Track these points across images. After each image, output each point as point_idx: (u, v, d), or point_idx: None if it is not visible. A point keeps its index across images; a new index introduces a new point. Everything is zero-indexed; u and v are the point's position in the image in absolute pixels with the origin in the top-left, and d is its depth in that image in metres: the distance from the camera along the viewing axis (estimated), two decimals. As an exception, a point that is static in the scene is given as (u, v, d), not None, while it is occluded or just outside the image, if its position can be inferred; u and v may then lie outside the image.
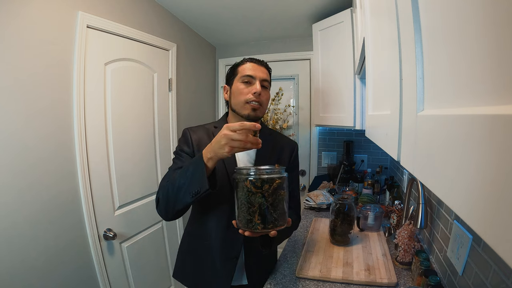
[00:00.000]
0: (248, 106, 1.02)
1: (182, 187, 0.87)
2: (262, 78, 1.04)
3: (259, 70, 1.05)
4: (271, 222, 0.76)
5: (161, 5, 1.92)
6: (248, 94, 1.01)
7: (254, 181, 0.75)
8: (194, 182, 0.84)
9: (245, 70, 1.04)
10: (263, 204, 0.75)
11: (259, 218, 0.75)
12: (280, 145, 1.14)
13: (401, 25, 0.38)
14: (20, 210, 1.16)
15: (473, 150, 0.18)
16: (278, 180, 0.76)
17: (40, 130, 1.23)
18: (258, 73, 1.04)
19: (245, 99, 1.01)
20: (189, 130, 1.08)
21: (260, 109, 1.03)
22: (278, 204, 0.77)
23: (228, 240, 1.03)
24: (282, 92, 2.49)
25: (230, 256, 1.04)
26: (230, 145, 0.77)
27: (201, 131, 1.09)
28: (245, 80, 1.03)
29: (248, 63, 1.06)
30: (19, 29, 1.13)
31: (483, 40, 0.18)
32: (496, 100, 0.16)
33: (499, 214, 0.15)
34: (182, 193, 0.87)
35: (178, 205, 0.91)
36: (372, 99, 0.79)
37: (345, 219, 1.31)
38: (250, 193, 0.75)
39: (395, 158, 0.42)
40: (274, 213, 0.76)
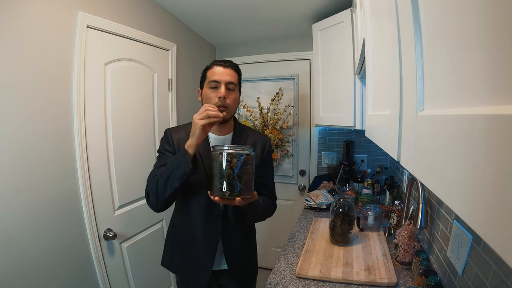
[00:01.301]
0: None
1: (170, 175, 1.00)
2: (227, 81, 1.09)
3: (225, 73, 1.10)
4: (236, 191, 0.91)
5: (161, 5, 1.92)
6: (214, 98, 1.08)
7: (226, 155, 0.91)
8: (180, 167, 0.98)
9: (212, 75, 1.10)
10: (230, 175, 0.90)
11: (227, 186, 0.91)
12: (253, 140, 1.22)
13: (401, 25, 0.38)
14: (20, 210, 1.16)
15: (473, 150, 0.18)
16: (245, 156, 0.92)
17: (40, 130, 1.23)
18: (223, 77, 1.09)
19: (213, 103, 1.07)
20: (170, 131, 1.20)
21: (227, 111, 1.09)
22: (243, 176, 0.92)
23: (208, 227, 1.15)
24: (282, 92, 2.49)
25: (210, 241, 1.15)
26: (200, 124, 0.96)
27: (180, 130, 1.19)
28: (212, 85, 1.10)
29: (215, 67, 1.12)
30: (19, 29, 1.13)
31: (483, 40, 0.18)
32: (496, 100, 0.16)
33: (499, 214, 0.15)
34: (170, 180, 1.00)
35: (167, 192, 1.02)
36: (372, 99, 0.79)
37: (345, 219, 1.31)
38: (221, 165, 0.91)
39: (395, 158, 0.42)
40: (240, 183, 0.91)
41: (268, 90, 2.59)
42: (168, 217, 2.05)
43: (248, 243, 1.28)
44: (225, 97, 1.08)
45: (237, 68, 1.16)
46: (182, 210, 1.20)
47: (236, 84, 1.13)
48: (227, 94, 1.08)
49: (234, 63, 1.16)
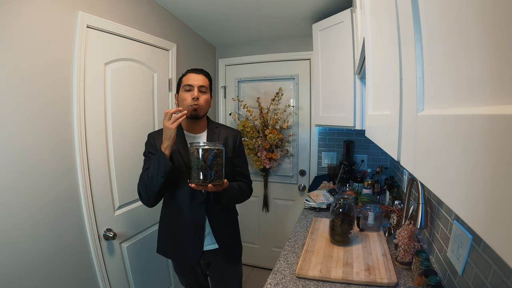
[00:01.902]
0: (190, 108, 1.30)
1: (154, 174, 1.21)
2: (199, 85, 1.31)
3: (197, 78, 1.32)
4: (209, 179, 1.13)
5: (161, 5, 1.92)
6: (188, 98, 1.30)
7: (200, 150, 1.12)
8: (161, 166, 1.19)
9: (186, 81, 1.32)
10: (203, 166, 1.12)
11: (201, 175, 1.13)
12: (225, 136, 1.41)
13: (401, 25, 0.38)
14: (21, 210, 1.16)
15: (473, 150, 0.18)
16: (215, 150, 1.13)
17: (40, 130, 1.23)
18: (195, 82, 1.31)
19: (187, 103, 1.29)
20: (152, 135, 1.40)
21: (199, 109, 1.31)
22: (214, 166, 1.13)
23: (193, 213, 1.33)
24: (282, 92, 2.49)
25: (196, 225, 1.34)
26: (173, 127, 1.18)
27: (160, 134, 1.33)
28: (187, 88, 1.31)
29: (189, 74, 1.34)
30: (19, 29, 1.13)
31: (483, 40, 0.18)
32: (496, 100, 0.16)
33: (499, 214, 0.15)
34: (155, 178, 1.21)
35: (155, 188, 1.23)
36: (372, 99, 0.79)
37: (345, 219, 1.31)
38: (197, 159, 1.12)
39: (395, 158, 0.42)
40: (212, 172, 1.13)
41: (268, 90, 2.59)
42: (168, 217, 2.05)
43: (231, 224, 1.47)
44: (198, 97, 1.29)
45: (208, 75, 1.39)
46: (169, 200, 1.38)
47: (207, 88, 1.35)
48: (199, 95, 1.30)
49: (206, 71, 1.38)
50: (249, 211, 2.67)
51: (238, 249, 1.50)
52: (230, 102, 2.70)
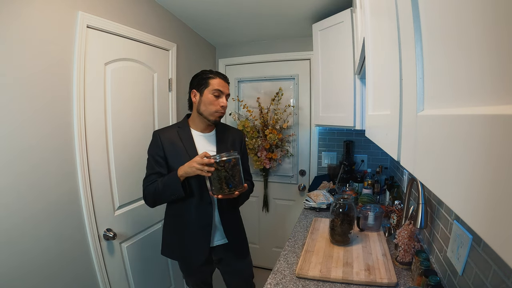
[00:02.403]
0: (216, 114, 1.34)
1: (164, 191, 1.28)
2: (227, 94, 1.37)
3: (226, 87, 1.36)
4: (233, 187, 1.19)
5: (161, 5, 1.92)
6: (217, 106, 1.33)
7: (219, 162, 1.17)
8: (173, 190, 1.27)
9: (217, 85, 1.33)
10: (226, 176, 1.18)
11: (225, 185, 1.18)
12: (233, 137, 1.48)
13: (401, 25, 0.38)
14: (21, 211, 1.16)
15: (473, 150, 0.18)
16: (233, 159, 1.19)
17: (40, 130, 1.23)
18: (225, 90, 1.35)
19: (215, 109, 1.33)
20: (158, 133, 1.38)
21: (222, 116, 1.39)
22: (236, 175, 1.20)
23: (199, 212, 1.36)
24: (282, 92, 2.49)
25: (204, 223, 1.36)
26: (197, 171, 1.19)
27: (168, 131, 1.39)
28: (215, 93, 1.32)
29: (218, 79, 1.35)
30: (19, 29, 1.13)
31: (483, 40, 0.18)
32: (496, 100, 0.16)
33: (499, 214, 0.15)
34: (164, 195, 1.29)
35: (161, 202, 1.36)
36: (372, 99, 0.79)
37: (345, 219, 1.31)
38: (218, 171, 1.17)
39: (395, 158, 0.42)
40: (234, 181, 1.19)
41: (268, 90, 2.59)
42: (168, 217, 2.05)
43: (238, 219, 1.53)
44: (225, 106, 1.36)
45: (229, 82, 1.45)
46: (175, 201, 1.36)
47: None
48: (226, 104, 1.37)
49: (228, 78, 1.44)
50: (249, 211, 2.67)
51: (246, 241, 1.57)
52: (230, 102, 2.70)
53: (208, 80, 1.33)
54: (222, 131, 1.45)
